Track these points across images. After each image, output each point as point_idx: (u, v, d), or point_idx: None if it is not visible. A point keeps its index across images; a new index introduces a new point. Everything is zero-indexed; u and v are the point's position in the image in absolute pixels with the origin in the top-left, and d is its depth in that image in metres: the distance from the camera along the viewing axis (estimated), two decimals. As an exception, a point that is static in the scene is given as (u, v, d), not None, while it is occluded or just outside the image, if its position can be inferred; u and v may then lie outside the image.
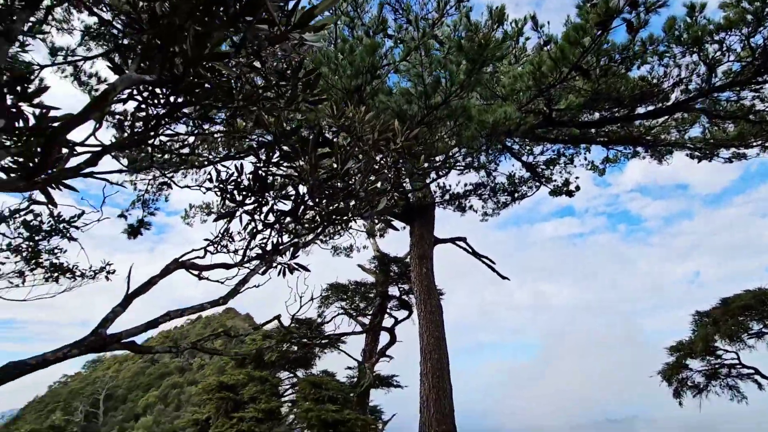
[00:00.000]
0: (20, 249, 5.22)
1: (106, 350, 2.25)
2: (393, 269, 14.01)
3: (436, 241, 10.42)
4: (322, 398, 9.91)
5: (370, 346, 14.25)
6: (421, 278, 9.38)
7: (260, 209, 3.66)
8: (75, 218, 5.03)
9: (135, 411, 68.29)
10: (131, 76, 1.93)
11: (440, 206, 11.07)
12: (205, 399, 12.37)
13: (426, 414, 7.82)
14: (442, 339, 8.67)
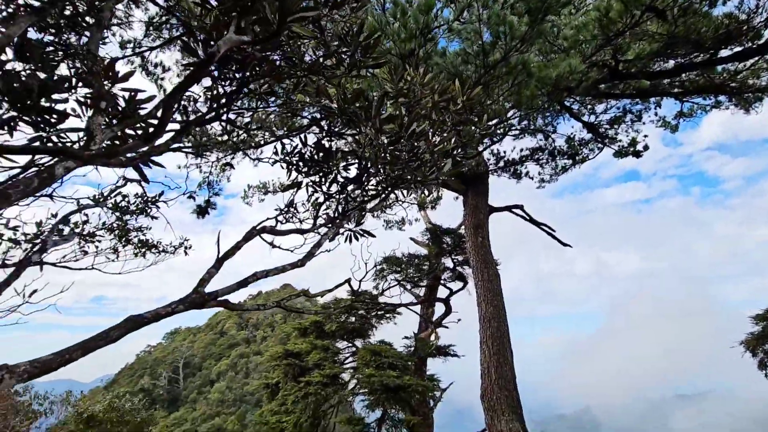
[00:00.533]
0: (113, 228, 5.82)
1: (205, 307, 2.48)
2: (446, 241, 13.97)
3: (491, 210, 10.18)
4: (383, 365, 10.29)
5: (425, 317, 14.49)
6: (477, 248, 9.27)
7: (325, 179, 3.77)
8: (157, 197, 5.49)
9: (209, 377, 75.06)
10: (231, 37, 2.02)
11: (494, 174, 10.76)
12: (273, 365, 13.30)
13: (487, 380, 7.88)
14: (501, 307, 8.60)
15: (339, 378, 11.74)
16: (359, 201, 3.54)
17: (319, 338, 13.44)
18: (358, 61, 3.14)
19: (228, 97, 3.19)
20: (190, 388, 73.94)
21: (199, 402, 69.67)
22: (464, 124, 3.73)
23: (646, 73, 7.80)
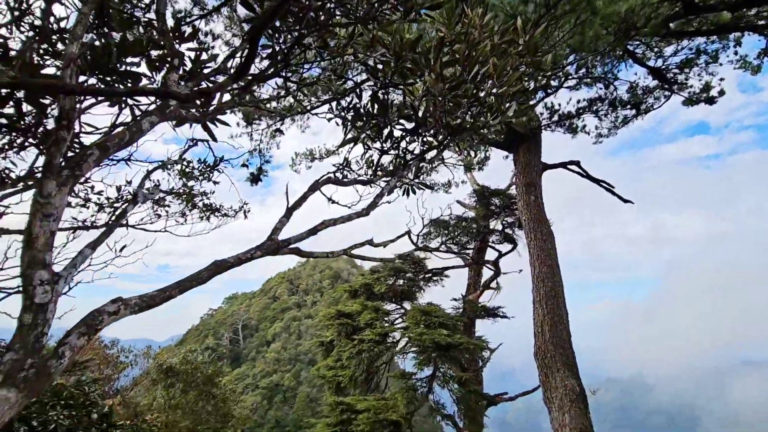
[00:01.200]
0: (180, 193, 6.22)
1: (278, 253, 2.62)
2: (494, 202, 13.65)
3: (545, 168, 9.75)
4: (433, 324, 10.50)
5: (473, 279, 14.48)
6: (529, 207, 8.99)
7: (381, 133, 3.75)
8: (218, 162, 5.76)
9: (266, 338, 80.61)
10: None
11: (547, 129, 10.19)
12: (327, 324, 13.98)
13: (541, 339, 7.84)
14: (555, 266, 8.38)
15: (390, 336, 12.16)
16: (417, 153, 3.50)
17: (369, 300, 13.89)
18: (415, 4, 3.01)
19: (285, 53, 3.19)
20: (249, 347, 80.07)
21: (258, 360, 75.42)
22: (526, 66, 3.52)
23: (728, 3, 6.90)
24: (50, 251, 1.91)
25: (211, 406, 14.70)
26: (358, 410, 9.14)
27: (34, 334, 1.77)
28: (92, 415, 4.61)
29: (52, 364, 1.72)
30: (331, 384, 12.07)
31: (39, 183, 1.84)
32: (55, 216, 1.90)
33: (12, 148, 3.56)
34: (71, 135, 1.83)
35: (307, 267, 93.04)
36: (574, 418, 6.75)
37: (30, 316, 1.79)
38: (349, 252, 2.92)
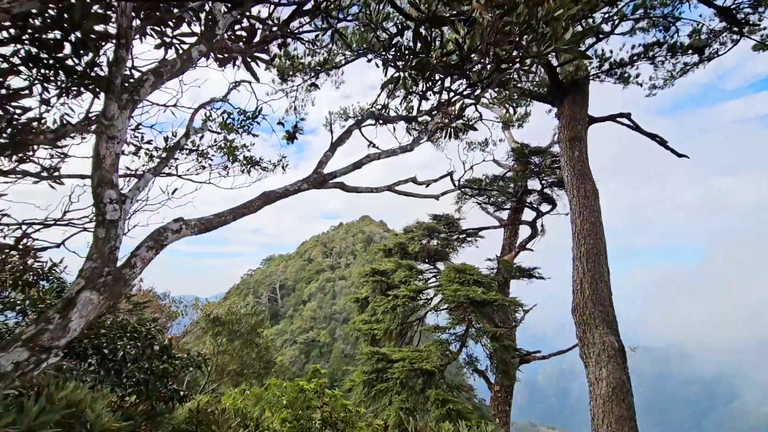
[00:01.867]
0: (222, 146, 6.38)
1: (323, 187, 2.65)
2: (533, 161, 13.15)
3: (591, 121, 9.19)
4: (467, 281, 10.55)
5: (508, 240, 14.28)
6: (573, 162, 8.58)
7: (425, 70, 3.61)
8: (257, 113, 5.81)
9: (302, 298, 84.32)
10: None
11: (595, 80, 9.50)
12: (362, 282, 14.38)
13: (580, 296, 7.70)
14: (598, 223, 8.07)
15: (423, 293, 12.37)
16: (461, 90, 3.36)
17: (403, 259, 14.08)
18: None
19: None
20: (286, 306, 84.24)
21: (295, 318, 79.36)
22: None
23: None
24: (116, 173, 2.01)
25: (254, 354, 15.77)
26: (393, 359, 9.51)
27: (108, 247, 1.90)
28: (154, 347, 5.05)
29: (126, 273, 1.86)
30: (366, 336, 12.55)
31: (103, 104, 1.91)
32: (118, 139, 1.99)
33: (68, 94, 3.73)
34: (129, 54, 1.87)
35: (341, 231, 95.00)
36: (612, 372, 6.71)
37: (103, 231, 1.92)
38: (393, 188, 2.91)
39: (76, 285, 1.76)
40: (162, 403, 5.13)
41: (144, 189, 2.55)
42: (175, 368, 5.21)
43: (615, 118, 9.20)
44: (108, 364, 4.72)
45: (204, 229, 2.18)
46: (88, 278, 1.78)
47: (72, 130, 3.17)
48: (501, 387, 11.94)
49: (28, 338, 1.60)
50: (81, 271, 1.82)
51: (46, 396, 2.70)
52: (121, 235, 1.98)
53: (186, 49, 2.26)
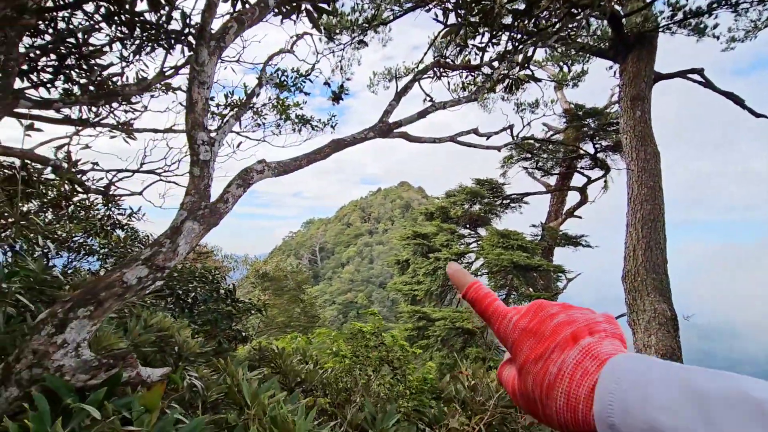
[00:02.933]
0: (275, 105, 6.56)
1: (388, 136, 2.71)
2: (587, 123, 12.44)
3: (657, 78, 8.50)
4: (511, 246, 10.47)
5: (555, 207, 13.86)
6: (634, 123, 8.06)
7: (488, 17, 3.49)
8: (309, 71, 5.89)
9: (341, 261, 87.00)
10: None
11: (665, 32, 8.67)
12: (403, 244, 14.62)
13: (632, 263, 7.46)
14: (658, 188, 7.65)
15: (465, 257, 12.43)
16: (525, 40, 3.23)
17: (445, 223, 14.10)
18: None
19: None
20: (326, 268, 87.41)
21: (334, 279, 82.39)
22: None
23: None
24: (206, 116, 2.18)
25: (300, 309, 16.73)
26: (434, 318, 9.78)
27: (203, 184, 2.10)
28: (220, 291, 5.51)
29: (220, 207, 2.05)
30: (407, 297, 12.92)
31: (195, 50, 2.04)
32: (208, 84, 2.14)
33: (143, 51, 3.96)
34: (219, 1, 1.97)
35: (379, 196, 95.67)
36: (662, 339, 6.58)
37: (198, 170, 2.11)
38: (456, 139, 2.92)
39: (180, 216, 1.98)
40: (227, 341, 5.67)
41: (228, 133, 2.74)
42: (238, 311, 5.69)
43: (686, 74, 8.45)
44: (182, 303, 5.24)
45: (282, 172, 2.33)
46: (189, 210, 1.99)
47: (153, 82, 3.39)
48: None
49: (146, 258, 1.84)
50: (182, 204, 2.04)
51: (143, 320, 3.05)
52: (212, 173, 2.17)
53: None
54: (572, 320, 0.42)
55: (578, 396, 0.36)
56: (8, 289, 2.47)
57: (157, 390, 1.49)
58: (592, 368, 0.36)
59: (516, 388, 0.43)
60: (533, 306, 0.46)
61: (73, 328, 1.67)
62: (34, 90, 3.68)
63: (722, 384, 0.28)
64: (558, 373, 0.38)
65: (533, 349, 0.41)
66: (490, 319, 0.48)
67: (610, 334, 0.41)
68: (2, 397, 1.58)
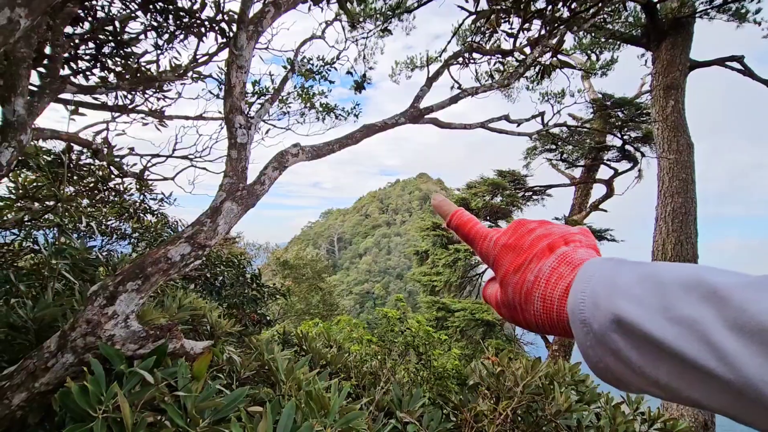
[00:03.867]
0: (299, 93, 6.61)
1: (419, 121, 2.71)
2: (615, 114, 12.06)
3: (692, 66, 8.17)
4: (533, 239, 10.32)
5: (579, 199, 13.58)
6: (666, 113, 7.79)
7: (518, 2, 3.42)
8: (335, 60, 5.90)
9: (358, 251, 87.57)
10: None
11: (703, 17, 8.29)
12: (422, 235, 14.61)
13: (661, 258, 7.26)
14: (690, 181, 7.40)
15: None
16: (560, 24, 3.16)
17: (465, 214, 13.97)
18: None
19: None
20: (343, 258, 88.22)
21: (352, 270, 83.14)
22: None
23: None
24: (244, 100, 2.23)
25: (319, 297, 16.98)
26: (453, 309, 9.78)
27: (240, 166, 2.15)
28: (246, 275, 5.65)
29: (257, 188, 2.11)
30: (425, 287, 12.95)
31: (234, 36, 2.08)
32: (246, 69, 2.18)
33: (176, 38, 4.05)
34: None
35: (397, 188, 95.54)
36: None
37: (235, 152, 2.17)
38: (486, 125, 2.89)
39: (219, 196, 2.04)
40: (252, 324, 5.83)
41: (264, 117, 2.79)
42: (263, 295, 5.84)
43: (724, 62, 8.08)
44: (210, 286, 5.41)
45: (315, 156, 2.37)
46: (228, 191, 2.05)
47: (188, 69, 3.47)
48: (560, 346, 11.90)
49: (189, 236, 1.91)
50: (221, 185, 2.10)
51: (178, 299, 3.17)
52: (249, 156, 2.22)
53: (298, -19, 2.35)
54: (549, 233, 0.44)
55: (553, 298, 0.38)
56: (56, 265, 2.61)
57: (204, 360, 1.56)
58: (566, 272, 0.38)
59: (499, 300, 0.46)
60: (513, 224, 0.48)
61: (123, 300, 1.76)
62: (73, 77, 3.82)
63: (682, 272, 0.29)
64: (535, 280, 0.40)
65: (512, 262, 0.43)
66: (474, 241, 0.50)
67: (584, 245, 0.43)
68: (59, 362, 1.68)
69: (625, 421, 2.84)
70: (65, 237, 2.87)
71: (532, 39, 3.03)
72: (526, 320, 0.42)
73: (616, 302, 0.30)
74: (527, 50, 3.03)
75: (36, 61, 2.75)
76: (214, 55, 3.67)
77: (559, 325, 0.37)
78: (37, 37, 2.29)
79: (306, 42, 3.59)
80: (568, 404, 2.62)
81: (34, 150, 3.15)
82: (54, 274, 2.57)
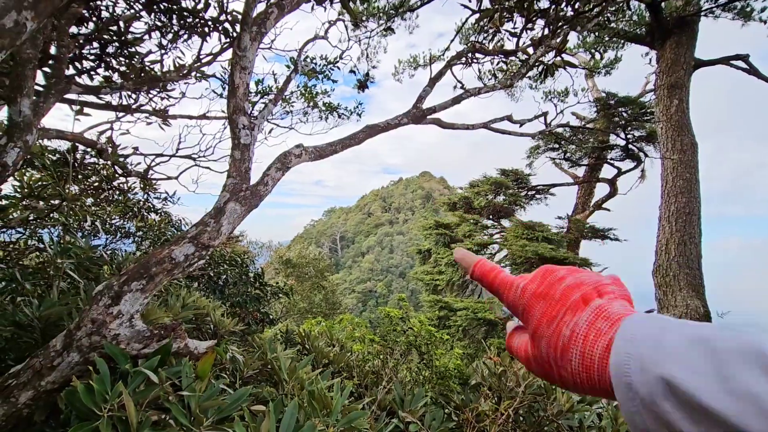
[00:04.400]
0: (303, 92, 6.62)
1: (422, 122, 2.72)
2: (619, 113, 12.01)
3: (697, 65, 8.12)
4: (536, 238, 10.32)
5: (582, 198, 13.54)
6: (670, 112, 7.75)
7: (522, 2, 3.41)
8: (339, 58, 5.90)
9: (361, 250, 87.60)
10: None
11: (708, 16, 8.24)
12: (425, 234, 14.60)
13: (664, 258, 7.24)
14: (694, 180, 7.36)
15: (488, 248, 12.33)
16: (562, 24, 3.15)
17: (467, 213, 13.99)
18: None
19: None
20: (346, 256, 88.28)
21: (354, 268, 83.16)
22: None
23: None
24: (247, 101, 2.24)
25: (321, 296, 17.01)
26: (456, 308, 9.79)
27: (244, 167, 2.16)
28: (249, 274, 5.68)
29: (260, 189, 2.12)
30: (428, 286, 12.95)
31: (237, 37, 2.09)
32: (249, 69, 2.19)
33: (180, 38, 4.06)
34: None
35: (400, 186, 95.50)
36: (693, 336, 6.39)
37: (239, 153, 2.18)
38: (489, 125, 2.90)
39: (222, 197, 2.05)
40: (255, 323, 5.86)
41: (267, 117, 2.80)
42: (266, 294, 5.86)
43: (729, 61, 8.03)
44: (213, 285, 5.43)
45: (318, 156, 2.38)
46: (231, 192, 2.06)
47: (192, 69, 3.49)
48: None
49: (193, 236, 1.92)
50: (225, 186, 2.11)
51: (182, 298, 3.19)
52: (252, 156, 2.23)
53: (301, -18, 2.35)
54: (581, 283, 0.42)
55: (593, 356, 0.36)
56: (61, 264, 2.63)
57: (208, 359, 1.57)
58: (605, 328, 0.37)
59: (529, 354, 0.44)
60: (540, 271, 0.46)
61: (128, 300, 1.78)
62: (78, 77, 3.84)
63: (737, 340, 0.27)
64: (572, 335, 0.38)
65: (545, 313, 0.42)
66: (499, 290, 0.49)
67: (618, 295, 0.41)
68: (65, 361, 1.70)
69: (627, 422, 2.83)
70: (70, 236, 2.89)
71: (536, 39, 3.02)
72: (561, 377, 0.39)
73: (666, 367, 0.29)
74: (530, 50, 3.02)
75: (41, 62, 2.77)
76: (218, 55, 3.68)
77: (600, 385, 0.35)
78: (42, 38, 2.31)
79: (309, 42, 3.60)
80: (569, 404, 2.62)
81: (39, 149, 3.18)
82: (59, 273, 2.59)
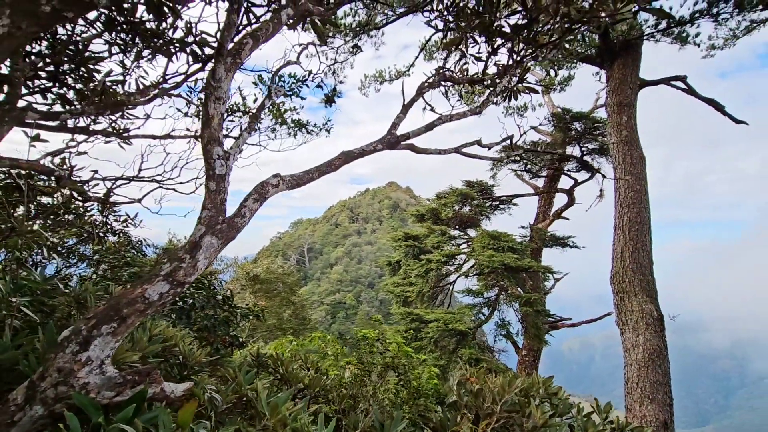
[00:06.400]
0: (270, 109, 6.55)
1: (396, 148, 2.78)
2: (574, 127, 12.71)
3: (642, 85, 8.77)
4: (501, 248, 10.64)
5: (543, 208, 14.13)
6: (620, 128, 8.30)
7: (488, 29, 3.58)
8: (306, 77, 5.91)
9: (329, 261, 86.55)
10: None
11: (650, 39, 8.95)
12: (395, 246, 14.69)
13: (620, 265, 7.69)
14: (644, 192, 7.90)
15: (456, 258, 12.58)
16: (526, 54, 3.33)
17: (436, 224, 14.23)
18: None
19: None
20: (314, 268, 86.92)
21: (323, 280, 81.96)
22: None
23: None
24: (221, 131, 2.21)
25: (290, 311, 16.66)
26: (427, 320, 9.88)
27: (219, 198, 2.13)
28: (217, 297, 5.49)
29: (237, 221, 2.08)
30: (398, 298, 13.00)
31: (212, 68, 2.07)
32: (224, 100, 2.17)
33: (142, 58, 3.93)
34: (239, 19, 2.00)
35: (367, 196, 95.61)
36: (649, 339, 6.80)
37: (214, 184, 2.14)
38: (460, 150, 3.01)
39: (198, 231, 2.01)
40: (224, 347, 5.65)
41: (242, 146, 2.76)
42: (235, 317, 5.68)
43: (669, 82, 8.74)
44: (179, 310, 5.20)
45: (296, 185, 2.37)
46: (207, 225, 2.02)
47: (160, 94, 3.38)
48: (529, 351, 12.24)
49: (167, 273, 1.86)
50: (200, 219, 2.06)
51: (148, 330, 3.05)
52: (228, 187, 2.20)
53: (275, 11, 2.37)
54: None
55: None
56: (15, 303, 2.45)
57: (189, 408, 1.52)
58: None
59: None
60: None
61: (97, 345, 1.69)
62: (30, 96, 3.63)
63: None
64: None
65: None
66: None
67: None
68: (27, 416, 1.59)
69: (597, 431, 2.98)
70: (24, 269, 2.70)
71: (501, 67, 3.18)
72: None
73: None
74: (497, 80, 3.18)
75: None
76: (186, 80, 3.59)
77: None
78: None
79: (282, 68, 3.60)
80: (543, 420, 2.71)
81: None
82: (12, 312, 2.41)
